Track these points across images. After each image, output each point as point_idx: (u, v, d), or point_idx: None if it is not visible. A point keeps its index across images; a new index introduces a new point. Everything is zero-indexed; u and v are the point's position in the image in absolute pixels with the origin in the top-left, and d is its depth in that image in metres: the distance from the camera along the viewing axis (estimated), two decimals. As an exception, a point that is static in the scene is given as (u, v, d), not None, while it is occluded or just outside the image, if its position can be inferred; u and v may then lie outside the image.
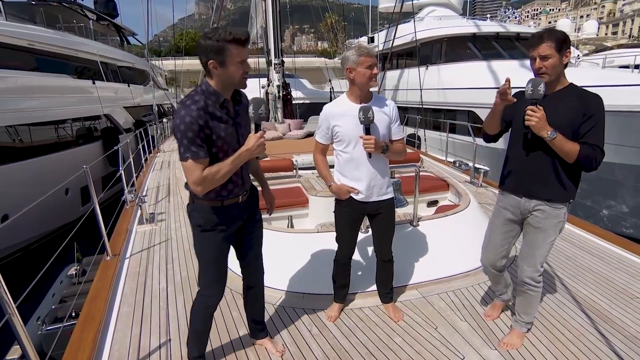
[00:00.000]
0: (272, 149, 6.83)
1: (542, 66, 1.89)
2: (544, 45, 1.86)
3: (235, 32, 1.62)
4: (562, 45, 1.86)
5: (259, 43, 12.81)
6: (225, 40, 1.62)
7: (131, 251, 3.74)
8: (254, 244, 2.15)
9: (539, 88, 1.84)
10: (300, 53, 41.82)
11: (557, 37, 1.85)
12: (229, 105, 1.79)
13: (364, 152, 2.20)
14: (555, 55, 1.86)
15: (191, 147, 1.62)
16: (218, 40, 1.61)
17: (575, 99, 1.90)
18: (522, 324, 2.26)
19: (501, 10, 16.83)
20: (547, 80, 1.91)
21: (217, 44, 1.62)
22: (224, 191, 1.83)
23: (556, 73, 1.91)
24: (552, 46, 1.85)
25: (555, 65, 1.88)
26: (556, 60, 1.87)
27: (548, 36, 1.86)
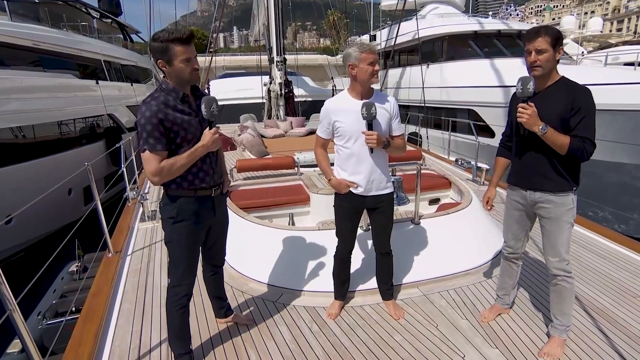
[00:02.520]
0: (274, 146, 6.83)
1: (536, 59, 1.95)
2: (540, 39, 1.92)
3: (177, 32, 1.77)
4: (556, 41, 1.93)
5: (262, 40, 12.79)
6: (167, 41, 1.76)
7: (133, 248, 3.75)
8: (221, 229, 2.24)
9: (528, 86, 1.92)
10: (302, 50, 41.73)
11: (553, 33, 1.93)
12: (190, 99, 1.93)
13: (364, 147, 2.21)
14: (550, 50, 1.93)
15: (149, 139, 1.75)
16: (162, 41, 1.76)
17: (564, 93, 1.96)
18: (561, 330, 2.18)
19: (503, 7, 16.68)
20: (539, 73, 1.98)
21: (161, 44, 1.77)
22: (196, 180, 1.94)
23: (548, 68, 1.97)
24: (548, 41, 1.92)
25: (548, 59, 1.94)
26: (550, 55, 1.93)
27: (545, 31, 1.93)
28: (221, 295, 2.45)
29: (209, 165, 1.99)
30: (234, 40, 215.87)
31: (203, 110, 1.86)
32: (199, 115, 1.91)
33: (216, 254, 2.28)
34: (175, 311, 2.02)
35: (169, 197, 1.94)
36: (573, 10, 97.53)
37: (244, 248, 3.26)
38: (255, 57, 13.08)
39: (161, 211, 1.97)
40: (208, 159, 1.98)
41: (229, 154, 6.81)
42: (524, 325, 2.41)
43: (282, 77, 9.75)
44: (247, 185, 4.47)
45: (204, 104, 1.85)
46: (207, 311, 2.60)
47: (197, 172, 1.94)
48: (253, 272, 3.04)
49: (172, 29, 1.82)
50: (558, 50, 1.95)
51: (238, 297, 2.82)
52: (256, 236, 3.26)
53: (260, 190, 4.37)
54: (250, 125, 7.43)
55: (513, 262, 2.40)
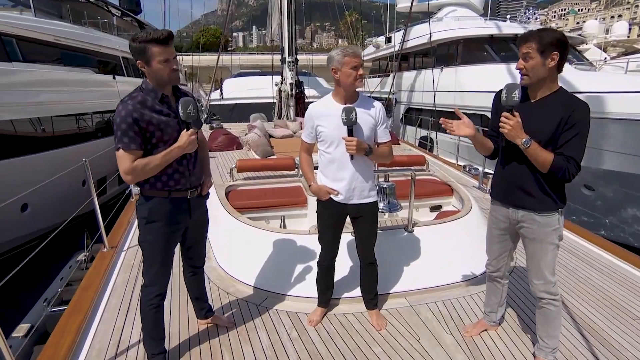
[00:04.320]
0: (281, 147, 6.81)
1: (522, 66, 1.81)
2: (525, 45, 1.79)
3: (155, 33, 1.75)
4: (546, 47, 1.75)
5: (277, 40, 12.83)
6: (145, 41, 1.75)
7: (129, 244, 3.78)
8: (199, 231, 2.21)
9: (513, 94, 1.78)
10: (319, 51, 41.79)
11: (542, 39, 1.75)
12: (170, 100, 1.91)
13: (345, 154, 2.15)
14: (537, 57, 1.77)
15: (123, 138, 1.75)
16: (140, 42, 1.76)
17: (560, 106, 1.79)
18: (547, 352, 2.07)
19: (522, 10, 16.15)
20: (528, 83, 1.84)
21: (139, 45, 1.76)
22: (170, 181, 1.92)
23: (537, 76, 1.81)
24: (533, 47, 1.77)
25: (535, 67, 1.78)
26: (537, 62, 1.77)
27: (534, 36, 1.77)
28: (201, 296, 2.43)
29: (185, 167, 1.97)
30: (252, 39, 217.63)
31: (180, 111, 1.85)
32: (178, 116, 1.90)
33: (195, 255, 2.26)
34: (148, 310, 2.01)
35: (143, 197, 1.93)
36: (598, 15, 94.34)
37: (234, 249, 3.25)
38: (268, 56, 13.11)
39: (136, 210, 1.97)
40: (185, 160, 1.96)
41: (234, 152, 6.83)
42: (510, 343, 2.31)
43: (294, 77, 9.73)
44: (245, 186, 4.46)
45: (181, 105, 1.85)
46: (190, 311, 2.58)
47: (172, 174, 1.92)
48: (241, 273, 3.01)
49: (151, 29, 1.81)
50: (550, 57, 1.76)
51: (223, 298, 2.80)
52: (246, 238, 3.23)
53: (258, 190, 4.35)
54: (258, 125, 7.43)
55: (497, 281, 2.28)
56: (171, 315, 2.58)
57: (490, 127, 2.11)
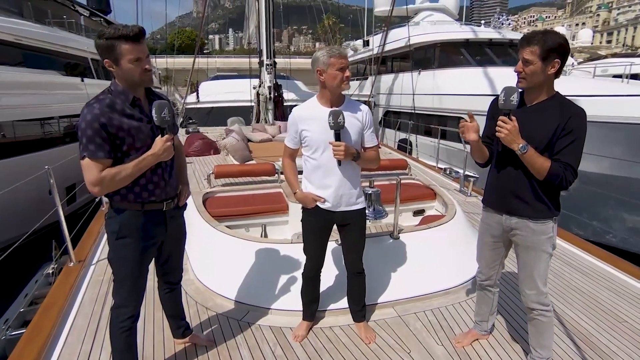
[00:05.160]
0: (260, 151, 6.66)
1: (521, 70, 1.75)
2: (528, 49, 1.71)
3: (124, 29, 1.59)
4: (549, 54, 1.68)
5: (254, 43, 12.65)
6: (113, 38, 1.59)
7: (99, 257, 3.53)
8: (175, 244, 2.06)
9: (511, 98, 1.72)
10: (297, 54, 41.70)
11: (545, 43, 1.68)
12: (143, 103, 1.75)
13: (333, 159, 2.05)
14: (538, 62, 1.70)
15: (89, 145, 1.58)
16: (107, 38, 1.59)
17: (558, 111, 1.74)
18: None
19: (495, 16, 16.69)
20: (524, 86, 1.78)
21: (106, 42, 1.60)
22: (144, 192, 1.75)
23: (536, 82, 1.76)
24: (535, 52, 1.70)
25: (534, 72, 1.72)
26: (537, 68, 1.71)
27: (537, 40, 1.69)
28: (178, 314, 2.26)
29: (160, 176, 1.81)
30: (229, 42, 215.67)
31: (154, 115, 1.70)
32: (152, 121, 1.74)
33: (171, 270, 2.09)
34: (120, 334, 1.83)
35: (113, 210, 1.76)
36: (564, 22, 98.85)
37: (212, 260, 3.08)
38: (245, 59, 12.92)
39: (105, 224, 1.79)
40: (160, 169, 1.80)
41: (211, 158, 6.62)
42: (502, 353, 2.25)
43: (272, 80, 9.59)
44: (223, 192, 4.28)
45: (155, 109, 1.69)
46: (166, 330, 2.40)
47: (146, 184, 1.75)
48: (220, 286, 2.85)
49: (120, 24, 1.64)
50: (551, 64, 1.70)
51: (202, 314, 2.63)
52: (225, 248, 3.07)
53: (237, 197, 4.18)
54: (235, 129, 7.25)
55: (488, 290, 2.22)
56: (145, 335, 2.39)
57: (484, 134, 2.05)
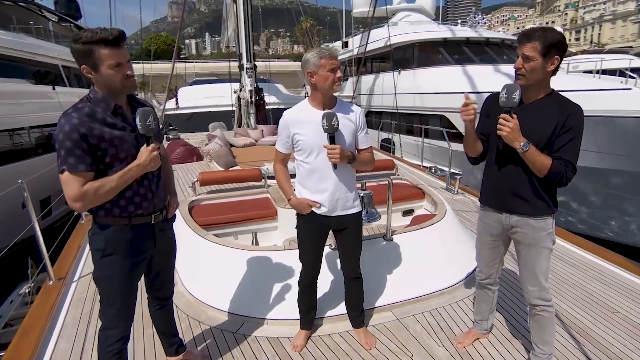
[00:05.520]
0: (243, 156, 6.55)
1: (521, 67, 1.74)
2: (529, 45, 1.70)
3: (103, 32, 1.50)
4: (549, 50, 1.69)
5: (233, 47, 12.50)
6: (91, 42, 1.50)
7: (80, 273, 3.37)
8: (166, 258, 1.96)
9: (513, 95, 1.70)
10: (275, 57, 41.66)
11: (547, 39, 1.68)
12: (125, 111, 1.67)
13: (327, 163, 2.00)
14: (539, 59, 1.70)
15: (68, 158, 1.49)
16: (84, 42, 1.50)
17: (556, 109, 1.75)
18: (543, 358, 2.01)
19: (471, 15, 17.20)
20: (523, 83, 1.77)
21: (83, 47, 1.51)
22: (130, 205, 1.66)
23: (535, 79, 1.75)
24: (537, 48, 1.69)
25: (535, 69, 1.72)
26: (538, 64, 1.71)
27: (538, 36, 1.69)
28: (170, 331, 2.16)
29: (148, 187, 1.72)
30: (206, 46, 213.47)
31: (138, 124, 1.60)
32: (136, 129, 1.65)
33: (162, 286, 2.00)
34: (108, 358, 1.73)
35: (97, 226, 1.65)
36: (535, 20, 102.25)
37: (202, 271, 2.98)
38: (227, 63, 12.77)
39: (89, 241, 1.68)
40: (146, 180, 1.71)
41: (194, 164, 6.47)
42: (504, 351, 2.25)
43: (253, 84, 9.49)
44: (209, 200, 4.17)
45: (139, 117, 1.60)
46: (157, 348, 2.30)
47: (132, 197, 1.66)
48: (212, 298, 2.75)
49: (97, 28, 1.54)
50: (551, 61, 1.70)
51: (194, 328, 2.53)
52: (216, 257, 2.98)
53: (224, 204, 4.08)
54: (218, 135, 7.13)
55: (488, 288, 2.22)
56: (135, 355, 2.28)
57: (479, 130, 2.03)
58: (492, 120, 1.83)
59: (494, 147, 1.94)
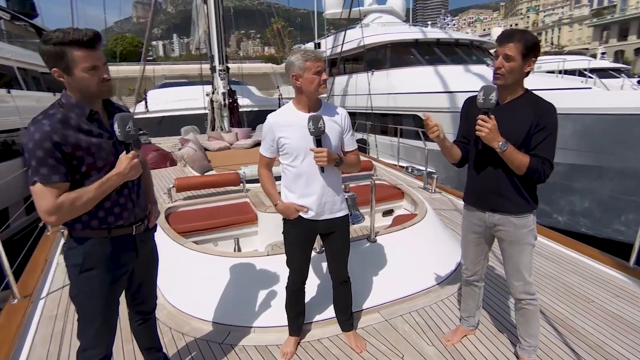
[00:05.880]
0: (218, 160, 6.43)
1: (501, 66, 1.79)
2: (511, 45, 1.76)
3: (77, 32, 1.42)
4: (528, 51, 1.75)
5: (203, 48, 12.27)
6: (63, 44, 1.41)
7: (49, 289, 3.18)
8: (148, 270, 1.88)
9: (490, 97, 1.76)
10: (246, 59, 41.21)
11: (527, 41, 1.74)
12: (102, 117, 1.59)
13: (314, 166, 1.98)
14: (519, 59, 1.76)
15: (40, 168, 1.40)
16: (55, 43, 1.41)
17: (531, 108, 1.82)
18: (530, 351, 2.09)
19: (440, 17, 17.80)
20: (501, 83, 1.83)
21: (53, 48, 1.42)
22: (110, 216, 1.57)
23: (513, 79, 1.82)
24: (518, 49, 1.75)
25: (514, 69, 1.78)
26: (517, 65, 1.77)
27: (519, 37, 1.75)
28: (155, 346, 2.07)
29: (128, 197, 1.64)
30: (174, 48, 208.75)
31: (116, 130, 1.52)
32: (114, 136, 1.57)
33: (144, 299, 1.91)
34: None
35: (73, 240, 1.56)
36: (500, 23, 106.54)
37: (183, 281, 2.88)
38: (197, 65, 12.51)
39: (64, 257, 1.58)
40: (126, 189, 1.63)
41: (168, 170, 6.28)
42: (491, 346, 2.30)
43: (225, 86, 9.34)
44: (187, 206, 4.06)
45: (118, 123, 1.51)
46: None
47: (111, 207, 1.58)
48: (195, 308, 2.67)
49: (70, 28, 1.45)
50: (529, 62, 1.77)
51: (178, 341, 2.44)
52: (197, 266, 2.89)
53: (202, 210, 3.98)
54: (191, 138, 6.97)
55: (474, 285, 2.28)
56: None
57: (460, 134, 2.10)
58: (471, 122, 1.88)
59: (474, 148, 2.00)
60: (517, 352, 2.17)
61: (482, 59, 12.19)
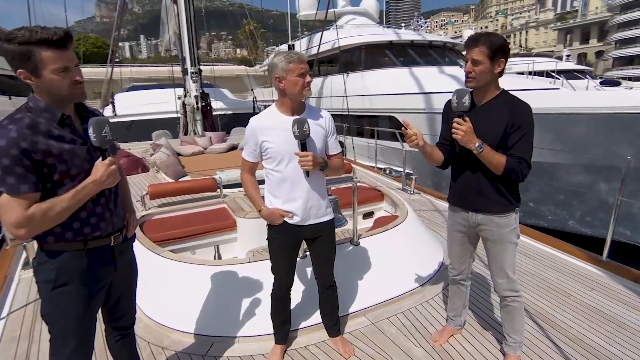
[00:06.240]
0: (192, 165, 6.30)
1: (471, 70, 1.85)
2: (476, 50, 1.82)
3: (45, 31, 1.33)
4: (495, 53, 1.81)
5: (173, 50, 12.01)
6: (29, 43, 1.32)
7: (10, 308, 3.00)
8: (127, 283, 1.81)
9: (463, 100, 1.81)
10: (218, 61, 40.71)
11: (492, 44, 1.80)
12: (74, 122, 1.50)
13: (298, 170, 1.96)
14: (487, 62, 1.81)
15: (7, 178, 1.30)
16: (20, 43, 1.32)
17: (506, 109, 1.87)
18: (515, 347, 2.14)
19: (414, 19, 18.33)
20: (474, 86, 1.89)
21: (19, 48, 1.33)
22: (86, 227, 1.50)
23: (485, 81, 1.87)
24: (484, 52, 1.80)
25: (484, 72, 1.83)
26: (486, 67, 1.82)
27: (484, 41, 1.80)
28: None
29: (105, 206, 1.56)
30: (141, 50, 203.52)
31: (91, 135, 1.43)
32: (88, 142, 1.49)
33: (123, 313, 1.82)
34: None
35: (45, 253, 1.46)
36: (471, 25, 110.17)
37: (161, 292, 2.79)
38: (167, 68, 12.22)
39: (35, 272, 1.48)
40: (103, 198, 1.55)
41: (140, 177, 6.09)
42: (478, 345, 2.35)
43: (198, 89, 9.18)
44: (162, 214, 3.94)
45: (93, 127, 1.42)
46: None
47: (87, 217, 1.50)
48: (174, 320, 2.59)
49: (37, 26, 1.36)
50: (498, 63, 1.82)
51: (158, 355, 2.36)
52: (175, 275, 2.80)
53: (178, 218, 3.88)
54: (164, 143, 6.79)
55: (461, 284, 2.33)
56: None
57: (442, 137, 2.15)
58: (450, 124, 1.92)
59: (454, 151, 2.05)
60: (503, 349, 2.22)
61: (455, 60, 12.54)
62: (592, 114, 6.61)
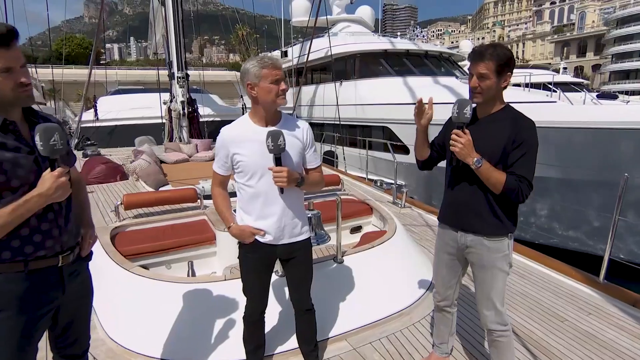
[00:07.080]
0: (175, 173, 6.18)
1: (477, 85, 1.79)
2: (482, 64, 1.75)
3: None
4: (502, 68, 1.75)
5: (161, 53, 11.95)
6: None
7: None
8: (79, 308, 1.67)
9: (464, 111, 1.74)
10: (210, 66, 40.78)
11: (499, 58, 1.74)
12: (21, 128, 1.41)
13: (272, 186, 1.87)
14: (493, 77, 1.76)
15: None
16: None
17: (509, 124, 1.81)
18: None
19: (410, 29, 18.61)
20: (479, 101, 1.83)
21: None
22: (27, 246, 1.38)
23: (491, 95, 1.81)
24: (491, 67, 1.74)
25: (490, 87, 1.77)
26: (492, 82, 1.77)
27: (490, 55, 1.74)
28: None
29: (53, 222, 1.44)
30: (131, 52, 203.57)
31: (38, 143, 1.34)
32: (36, 151, 1.39)
33: (74, 341, 1.68)
34: None
35: None
36: (468, 36, 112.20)
37: (127, 312, 2.66)
38: (155, 71, 12.14)
39: None
40: (51, 212, 1.44)
41: (118, 185, 5.96)
42: (465, 374, 2.26)
43: (185, 94, 9.10)
44: (136, 225, 3.82)
45: (39, 135, 1.33)
46: None
47: (30, 235, 1.38)
48: (141, 344, 2.45)
49: None
50: (504, 78, 1.77)
51: None
52: (144, 293, 2.68)
53: (154, 230, 3.75)
54: (146, 150, 6.67)
55: (446, 311, 2.21)
56: None
57: (434, 140, 2.08)
58: (448, 135, 1.86)
59: (450, 164, 1.97)
60: None
61: (451, 70, 12.63)
62: (591, 129, 6.64)
